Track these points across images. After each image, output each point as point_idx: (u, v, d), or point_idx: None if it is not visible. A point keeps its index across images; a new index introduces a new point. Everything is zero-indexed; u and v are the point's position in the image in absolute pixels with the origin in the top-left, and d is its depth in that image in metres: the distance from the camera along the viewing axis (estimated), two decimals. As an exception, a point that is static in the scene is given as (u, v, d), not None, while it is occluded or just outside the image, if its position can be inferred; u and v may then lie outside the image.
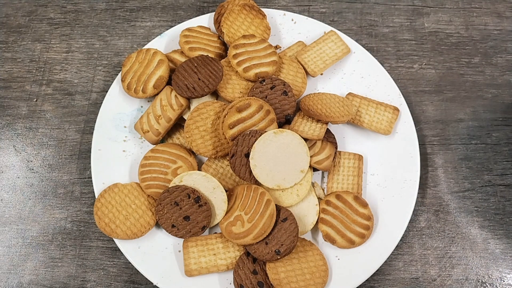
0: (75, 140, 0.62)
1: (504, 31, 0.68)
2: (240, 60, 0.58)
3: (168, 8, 0.71)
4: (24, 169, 0.61)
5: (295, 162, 0.52)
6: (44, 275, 0.55)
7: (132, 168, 0.57)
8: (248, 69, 0.57)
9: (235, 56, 0.58)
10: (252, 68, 0.58)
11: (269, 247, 0.49)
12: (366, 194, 0.56)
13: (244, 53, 0.59)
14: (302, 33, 0.64)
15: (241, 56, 0.58)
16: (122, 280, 0.55)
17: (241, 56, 0.58)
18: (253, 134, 0.53)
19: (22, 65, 0.67)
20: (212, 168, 0.56)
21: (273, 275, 0.49)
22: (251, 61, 0.58)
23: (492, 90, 0.65)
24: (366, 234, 0.52)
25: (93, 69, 0.67)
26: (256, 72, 0.57)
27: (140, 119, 0.57)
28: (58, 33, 0.70)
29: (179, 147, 0.56)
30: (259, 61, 0.58)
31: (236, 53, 0.58)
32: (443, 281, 0.54)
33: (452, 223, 0.57)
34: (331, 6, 0.71)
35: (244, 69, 0.57)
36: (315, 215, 0.53)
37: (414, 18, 0.70)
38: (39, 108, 0.64)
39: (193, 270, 0.50)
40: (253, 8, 0.63)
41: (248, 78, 0.58)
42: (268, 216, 0.50)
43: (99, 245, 0.56)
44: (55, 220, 0.58)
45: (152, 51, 0.60)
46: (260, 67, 0.58)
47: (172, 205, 0.52)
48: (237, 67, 0.57)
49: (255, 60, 0.58)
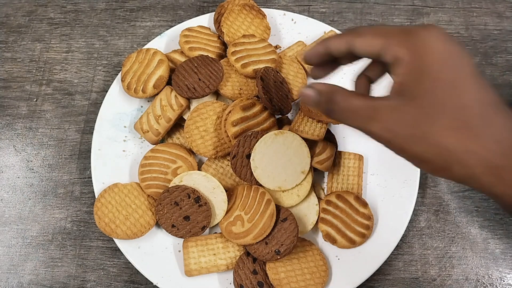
0: (75, 140, 0.62)
1: (504, 31, 0.68)
2: (238, 57, 0.58)
3: (168, 8, 0.71)
4: (24, 169, 0.61)
5: (296, 163, 0.52)
6: (44, 275, 0.55)
7: (132, 168, 0.57)
8: (246, 65, 0.58)
9: (234, 53, 0.58)
10: (250, 64, 0.58)
11: (269, 247, 0.49)
12: (366, 194, 0.56)
13: (243, 51, 0.59)
14: (302, 33, 0.64)
15: (240, 53, 0.58)
16: (122, 280, 0.55)
17: (240, 53, 0.58)
18: (255, 135, 0.53)
19: (22, 65, 0.67)
20: (212, 168, 0.56)
21: (273, 275, 0.49)
22: (249, 58, 0.58)
23: (492, 90, 0.65)
24: (367, 234, 0.52)
25: (93, 69, 0.67)
26: (254, 68, 0.57)
27: (140, 119, 0.57)
28: (58, 33, 0.70)
29: (179, 147, 0.56)
30: (257, 58, 0.58)
31: (235, 50, 0.58)
32: (443, 281, 0.54)
33: (452, 223, 0.57)
34: (331, 6, 0.71)
35: (242, 65, 0.57)
36: (315, 215, 0.53)
37: (414, 18, 0.70)
38: (39, 108, 0.64)
39: (193, 270, 0.50)
40: (253, 8, 0.63)
41: (246, 74, 0.58)
42: (268, 216, 0.50)
43: (99, 245, 0.56)
44: (55, 220, 0.58)
45: (152, 51, 0.60)
46: (258, 64, 0.58)
47: (172, 205, 0.52)
48: (235, 63, 0.57)
49: (254, 58, 0.58)
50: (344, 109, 0.36)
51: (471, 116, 0.30)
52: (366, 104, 0.34)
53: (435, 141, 0.31)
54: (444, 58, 0.32)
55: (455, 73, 0.31)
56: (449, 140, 0.30)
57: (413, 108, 0.32)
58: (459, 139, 0.30)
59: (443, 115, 0.31)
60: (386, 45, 0.34)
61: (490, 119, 0.30)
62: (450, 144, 0.30)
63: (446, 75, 0.31)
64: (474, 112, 0.30)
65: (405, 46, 0.33)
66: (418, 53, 0.32)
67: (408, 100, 0.32)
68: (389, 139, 0.33)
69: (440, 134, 0.31)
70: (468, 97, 0.31)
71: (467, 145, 0.30)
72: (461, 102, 0.31)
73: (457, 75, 0.31)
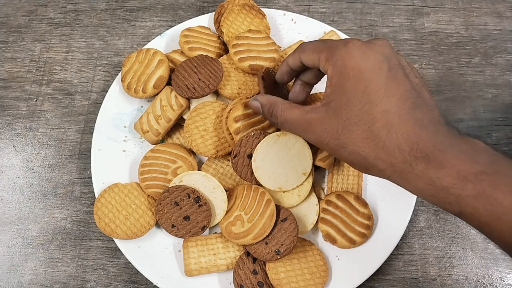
0: (75, 140, 0.62)
1: (504, 31, 0.68)
2: (238, 50, 0.58)
3: (168, 8, 0.71)
4: (24, 169, 0.61)
5: (298, 164, 0.52)
6: (44, 275, 0.55)
7: (132, 168, 0.57)
8: (244, 60, 0.58)
9: (235, 45, 0.58)
10: (248, 59, 0.58)
11: (269, 247, 0.49)
12: (366, 194, 0.56)
13: (244, 45, 0.59)
14: (302, 33, 0.64)
15: (241, 47, 0.58)
16: (122, 280, 0.55)
17: (241, 47, 0.58)
18: (257, 136, 0.53)
19: (22, 65, 0.67)
20: (212, 168, 0.56)
21: (273, 275, 0.49)
22: (249, 53, 0.58)
23: (492, 90, 0.65)
24: (367, 234, 0.52)
25: (93, 69, 0.67)
26: (250, 64, 0.57)
27: (140, 119, 0.57)
28: (58, 33, 0.70)
29: (179, 147, 0.56)
30: (257, 55, 0.58)
31: (237, 43, 0.59)
32: (443, 281, 0.54)
33: (452, 223, 0.57)
34: (331, 6, 0.71)
35: (240, 59, 0.57)
36: (315, 215, 0.53)
37: (414, 18, 0.70)
38: (39, 108, 0.64)
39: (193, 270, 0.50)
40: (253, 8, 0.63)
41: (242, 68, 0.58)
42: (268, 216, 0.50)
43: (99, 245, 0.56)
44: (55, 220, 0.58)
45: (152, 51, 0.60)
46: (256, 60, 0.58)
47: (172, 205, 0.52)
48: (234, 56, 0.58)
49: (254, 53, 0.58)
50: (284, 122, 0.43)
51: (379, 128, 0.35)
52: (301, 118, 0.41)
53: (353, 150, 0.37)
54: (358, 75, 0.36)
55: (366, 88, 0.36)
56: (363, 149, 0.36)
57: (335, 121, 0.38)
58: (371, 148, 0.36)
59: (357, 128, 0.36)
60: (318, 60, 0.40)
61: (395, 129, 0.35)
62: (364, 152, 0.36)
63: (359, 91, 0.36)
64: (381, 124, 0.35)
65: (329, 63, 0.38)
66: (338, 70, 0.37)
67: (331, 113, 0.38)
68: (322, 146, 0.40)
69: (355, 144, 0.37)
70: (377, 109, 0.36)
71: (377, 153, 0.36)
72: (371, 115, 0.36)
73: (368, 89, 0.36)
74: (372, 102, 0.36)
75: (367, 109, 0.36)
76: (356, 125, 0.36)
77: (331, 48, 0.38)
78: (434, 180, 0.34)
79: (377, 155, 0.36)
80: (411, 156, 0.34)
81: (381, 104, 0.35)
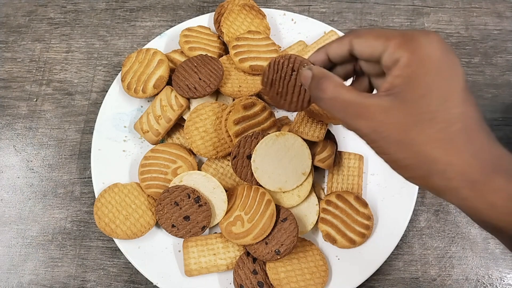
0: (75, 140, 0.62)
1: (504, 31, 0.68)
2: (239, 51, 0.58)
3: (168, 8, 0.71)
4: (24, 169, 0.61)
5: (297, 164, 0.52)
6: (44, 275, 0.55)
7: (132, 168, 0.57)
8: (244, 60, 0.58)
9: (235, 47, 0.59)
10: (248, 60, 0.58)
11: (269, 247, 0.49)
12: (366, 194, 0.56)
13: (245, 46, 0.59)
14: (302, 33, 0.64)
15: (241, 48, 0.59)
16: (122, 280, 0.55)
17: (241, 48, 0.59)
18: (256, 136, 0.52)
19: (22, 65, 0.67)
20: (212, 168, 0.56)
21: (273, 275, 0.49)
22: (249, 53, 0.58)
23: (492, 90, 0.65)
24: (367, 234, 0.52)
25: (93, 69, 0.67)
26: (251, 65, 0.58)
27: (140, 119, 0.57)
28: (58, 33, 0.70)
29: (179, 147, 0.56)
30: (257, 55, 0.58)
31: (237, 44, 0.59)
32: (443, 281, 0.54)
33: (452, 223, 0.57)
34: (331, 6, 0.71)
35: (240, 59, 0.58)
36: (315, 215, 0.53)
37: (414, 18, 0.70)
38: (39, 108, 0.64)
39: (193, 270, 0.50)
40: (253, 8, 0.63)
41: (243, 69, 0.58)
42: (268, 216, 0.50)
43: (99, 245, 0.56)
44: (55, 220, 0.58)
45: (152, 51, 0.60)
46: (256, 61, 0.58)
47: (172, 205, 0.52)
48: (234, 57, 0.58)
49: (254, 54, 0.58)
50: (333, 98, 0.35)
51: (457, 130, 0.31)
52: (356, 100, 0.34)
53: (420, 150, 0.32)
54: (440, 68, 0.32)
55: (448, 85, 0.32)
56: (434, 151, 0.31)
57: (403, 113, 0.32)
58: (444, 151, 0.31)
59: (432, 126, 0.31)
60: (386, 47, 0.34)
61: (472, 135, 0.31)
62: (434, 155, 0.31)
63: (440, 86, 0.32)
64: (460, 127, 0.31)
65: (405, 49, 0.33)
66: (417, 58, 0.32)
67: (398, 103, 0.32)
68: (374, 139, 0.34)
69: (426, 143, 0.31)
70: (456, 111, 0.32)
71: (450, 158, 0.31)
72: (449, 115, 0.31)
73: (449, 87, 0.32)
74: (452, 102, 0.32)
75: (446, 108, 0.32)
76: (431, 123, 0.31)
77: (407, 35, 0.33)
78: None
79: (449, 160, 0.31)
80: (489, 167, 0.30)
81: (460, 107, 0.32)
